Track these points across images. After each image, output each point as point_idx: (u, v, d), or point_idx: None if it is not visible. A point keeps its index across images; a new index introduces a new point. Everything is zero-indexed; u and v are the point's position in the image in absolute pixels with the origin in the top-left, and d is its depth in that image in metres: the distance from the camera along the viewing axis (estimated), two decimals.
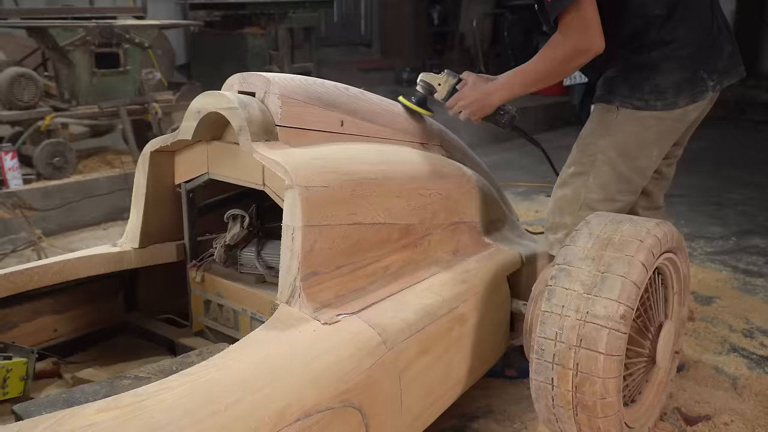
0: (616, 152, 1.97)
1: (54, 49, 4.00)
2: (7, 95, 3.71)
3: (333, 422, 1.34)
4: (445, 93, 2.07)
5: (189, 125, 1.76)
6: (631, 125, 1.95)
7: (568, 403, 1.69)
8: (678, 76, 1.90)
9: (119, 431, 1.11)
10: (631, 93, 1.93)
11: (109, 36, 4.05)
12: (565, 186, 2.07)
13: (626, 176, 1.99)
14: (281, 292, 1.54)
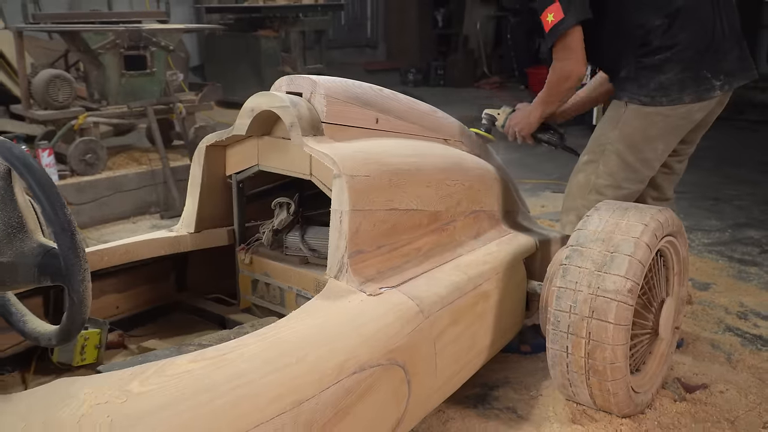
0: (624, 144, 2.22)
1: (85, 52, 4.21)
2: (43, 96, 3.93)
3: (382, 377, 1.55)
4: (503, 121, 2.57)
5: (243, 122, 1.97)
6: (638, 120, 2.20)
7: (581, 368, 1.91)
8: (681, 75, 2.14)
9: (210, 377, 1.32)
10: (639, 90, 2.18)
11: (137, 39, 4.27)
12: (579, 173, 2.34)
13: (632, 166, 2.23)
14: (330, 268, 1.75)
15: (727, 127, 7.48)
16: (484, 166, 2.38)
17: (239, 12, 6.53)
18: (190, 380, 1.30)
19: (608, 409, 2.01)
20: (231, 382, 1.32)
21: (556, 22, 2.16)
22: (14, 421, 1.13)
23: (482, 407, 2.15)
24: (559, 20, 2.15)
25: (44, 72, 4.01)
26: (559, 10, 2.15)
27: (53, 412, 1.16)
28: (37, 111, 4.01)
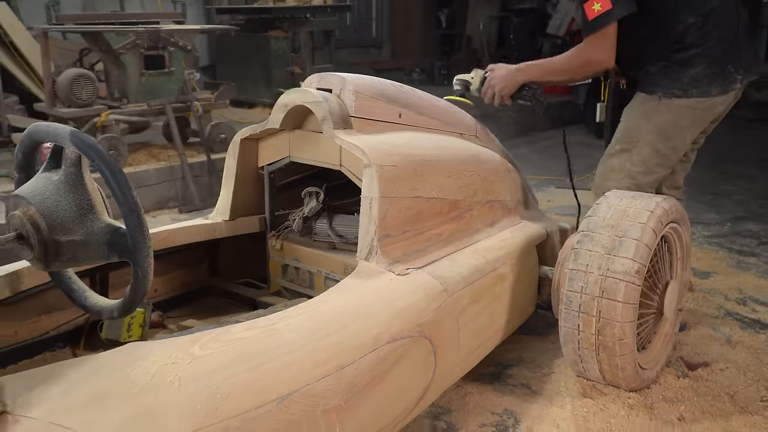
0: (657, 134, 2.40)
1: (107, 51, 4.36)
2: (67, 94, 4.07)
3: (412, 347, 1.70)
4: (477, 83, 2.56)
5: (277, 116, 2.12)
6: (671, 112, 2.38)
7: (591, 345, 2.06)
8: (709, 69, 2.32)
9: (262, 343, 1.47)
10: (672, 84, 2.36)
11: (156, 40, 4.42)
12: (613, 158, 2.50)
13: (663, 153, 2.43)
14: (361, 251, 1.90)
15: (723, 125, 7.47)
16: (498, 159, 2.53)
17: (250, 13, 6.67)
18: (244, 345, 1.45)
19: (616, 384, 2.16)
20: (280, 348, 1.47)
21: (603, 11, 2.25)
22: (95, 378, 1.28)
23: (498, 383, 2.30)
24: (606, 10, 2.25)
25: (68, 71, 4.16)
26: (607, 0, 2.24)
27: (129, 370, 1.31)
28: (61, 109, 4.16)
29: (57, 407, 1.20)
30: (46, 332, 2.00)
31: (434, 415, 2.11)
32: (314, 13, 6.66)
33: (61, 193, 1.48)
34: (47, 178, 1.51)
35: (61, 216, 1.46)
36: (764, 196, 4.72)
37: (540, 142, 6.81)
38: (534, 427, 2.05)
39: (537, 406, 2.17)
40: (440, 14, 9.91)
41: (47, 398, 1.21)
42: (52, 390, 1.24)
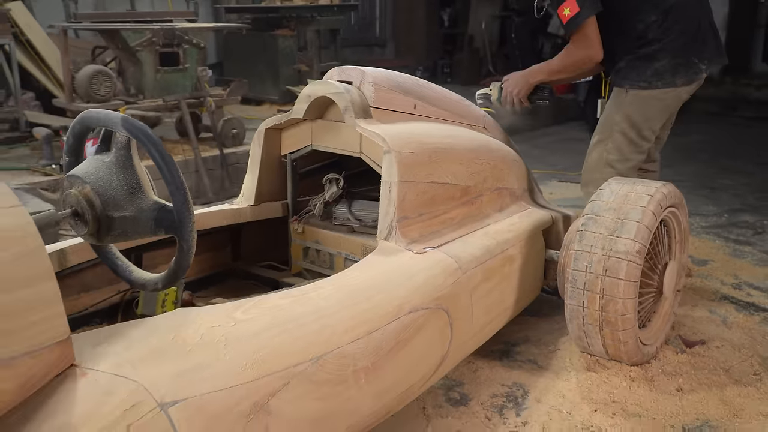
0: (627, 124, 2.62)
1: (124, 49, 4.50)
2: (86, 90, 4.21)
3: (431, 318, 1.84)
4: (497, 94, 2.87)
5: (301, 107, 2.26)
6: (637, 103, 2.60)
7: (595, 321, 2.20)
8: (673, 61, 2.54)
9: (296, 310, 1.61)
10: (637, 77, 2.57)
11: (171, 37, 4.56)
12: (593, 151, 2.71)
13: (635, 141, 2.64)
14: (381, 231, 2.03)
15: (722, 123, 7.80)
16: (506, 149, 2.67)
17: (257, 12, 6.81)
18: (281, 311, 1.59)
19: (619, 358, 2.30)
20: (314, 314, 1.61)
21: (572, 15, 2.52)
22: (151, 337, 1.42)
23: (507, 359, 2.44)
24: (575, 14, 2.52)
25: (87, 68, 4.29)
26: (574, 4, 2.51)
27: (181, 331, 1.45)
28: (80, 104, 4.29)
29: (120, 362, 1.34)
30: (85, 309, 2.14)
31: (448, 387, 2.25)
32: (321, 12, 6.80)
33: (112, 173, 1.62)
34: (99, 160, 1.65)
35: (113, 194, 1.60)
36: (760, 190, 4.86)
37: (541, 138, 6.96)
38: (542, 397, 2.19)
39: (544, 379, 2.31)
40: (443, 13, 10.05)
41: (111, 354, 1.35)
42: (115, 347, 1.38)
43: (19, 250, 1.23)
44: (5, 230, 1.22)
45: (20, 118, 4.90)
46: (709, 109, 7.98)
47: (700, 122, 7.31)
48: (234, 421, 1.37)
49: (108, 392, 1.29)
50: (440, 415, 2.10)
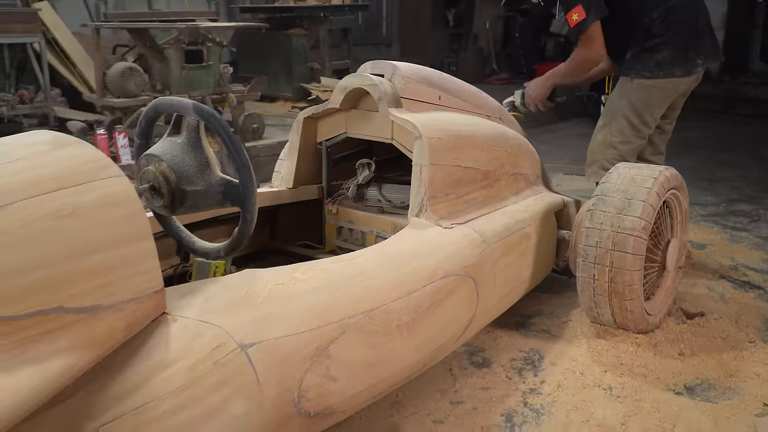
0: (630, 110, 2.93)
1: (151, 46, 4.72)
2: (117, 85, 4.43)
3: (460, 284, 2.07)
4: (519, 99, 3.24)
5: (337, 98, 2.48)
6: (640, 91, 2.92)
7: (605, 291, 2.43)
8: (673, 54, 2.87)
9: (346, 271, 1.83)
10: (641, 68, 2.90)
11: (196, 36, 4.78)
12: (597, 134, 3.05)
13: (636, 126, 2.94)
14: (412, 209, 2.26)
15: (722, 120, 8.02)
16: (520, 138, 2.90)
17: (271, 12, 7.03)
18: (333, 273, 1.82)
19: (626, 327, 2.52)
20: (362, 275, 1.84)
21: (579, 20, 2.85)
22: (226, 292, 1.64)
23: (523, 329, 2.67)
24: (582, 19, 2.85)
25: (118, 64, 4.52)
26: (581, 11, 2.84)
27: (251, 287, 1.67)
28: (111, 99, 4.52)
29: (203, 311, 1.56)
30: None
31: (471, 353, 2.47)
32: (333, 11, 7.02)
33: (185, 153, 1.84)
34: (172, 142, 1.87)
35: (186, 170, 1.83)
36: (757, 182, 5.09)
37: (546, 134, 7.17)
38: (556, 361, 2.42)
39: (558, 346, 2.53)
40: (448, 13, 10.29)
41: (194, 304, 1.58)
42: (197, 299, 1.60)
43: (127, 212, 1.45)
44: (115, 195, 1.45)
45: (49, 114, 5.12)
46: (708, 107, 8.20)
47: (700, 119, 7.53)
48: (300, 361, 1.60)
49: (196, 335, 1.51)
50: (466, 375, 2.33)
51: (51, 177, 1.41)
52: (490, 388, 2.26)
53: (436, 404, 2.15)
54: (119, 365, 1.43)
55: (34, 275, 1.31)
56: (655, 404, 2.15)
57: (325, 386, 1.65)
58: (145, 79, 4.63)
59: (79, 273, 1.37)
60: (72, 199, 1.40)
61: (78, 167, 1.46)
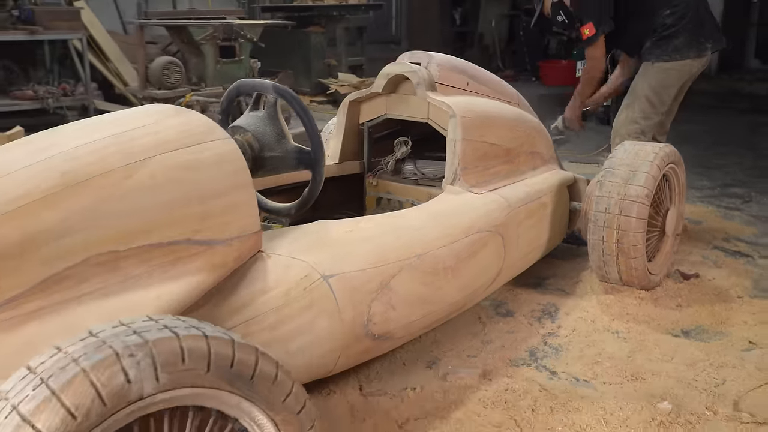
0: (651, 90, 3.46)
1: (189, 42, 5.09)
2: (158, 78, 4.79)
3: (491, 239, 2.44)
4: (561, 124, 3.88)
5: (380, 83, 2.84)
6: (660, 74, 3.46)
7: (612, 251, 2.79)
8: (687, 40, 3.42)
9: (399, 223, 2.20)
10: (661, 53, 3.44)
11: (230, 32, 5.14)
12: (622, 112, 3.59)
13: (655, 104, 3.48)
14: (447, 178, 2.62)
15: (719, 114, 8.39)
16: (536, 121, 3.26)
17: (291, 11, 7.40)
18: (389, 225, 2.19)
19: (631, 283, 2.89)
20: (411, 227, 2.21)
21: (591, 35, 3.50)
22: (306, 236, 2.01)
23: (540, 288, 3.03)
24: (593, 34, 3.49)
25: (160, 59, 4.88)
26: (592, 27, 3.49)
27: (325, 233, 2.04)
28: (153, 90, 4.88)
29: (291, 250, 1.93)
30: None
31: (496, 306, 2.84)
32: (349, 10, 7.39)
33: (265, 125, 2.21)
34: (254, 116, 2.24)
35: (267, 139, 2.19)
36: (750, 169, 5.45)
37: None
38: (570, 312, 2.79)
39: (571, 300, 2.90)
40: (454, 13, 10.66)
41: (283, 245, 1.95)
42: (283, 241, 1.97)
43: (234, 168, 1.82)
44: (225, 154, 1.82)
45: (89, 105, 5.49)
46: (706, 103, 8.56)
47: (699, 114, 7.88)
48: (368, 291, 1.97)
49: (287, 267, 1.88)
50: (493, 322, 2.69)
51: (174, 138, 1.78)
52: (515, 331, 2.62)
53: (470, 343, 2.52)
54: (231, 288, 1.80)
55: (169, 215, 1.68)
56: (656, 343, 2.52)
57: (387, 313, 2.02)
58: (183, 72, 4.99)
59: (201, 214, 1.74)
60: (193, 156, 1.77)
61: (193, 131, 1.83)
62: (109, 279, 1.57)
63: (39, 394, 1.04)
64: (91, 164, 1.62)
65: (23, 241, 1.47)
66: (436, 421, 2.03)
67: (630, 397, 2.15)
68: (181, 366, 1.13)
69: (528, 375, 2.30)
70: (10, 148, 1.77)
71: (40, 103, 5.15)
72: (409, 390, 2.20)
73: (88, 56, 5.37)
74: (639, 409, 2.07)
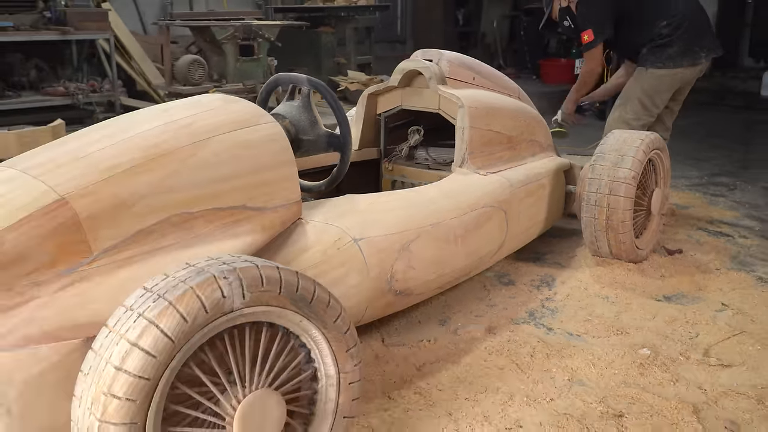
0: (643, 93, 3.73)
1: (211, 42, 5.43)
2: (184, 75, 5.14)
3: (495, 213, 2.78)
4: (559, 117, 4.15)
5: (396, 77, 3.19)
6: (653, 79, 3.72)
7: (603, 227, 3.14)
8: (681, 49, 3.67)
9: (416, 197, 2.55)
10: (655, 60, 3.69)
11: (249, 32, 5.48)
12: (615, 111, 3.86)
13: (647, 107, 3.75)
14: (456, 161, 2.96)
15: (713, 111, 8.73)
16: (535, 112, 3.60)
17: (303, 12, 7.75)
18: (408, 199, 2.54)
19: (620, 256, 3.23)
20: (428, 200, 2.55)
21: (589, 41, 3.77)
22: (336, 207, 2.35)
23: (539, 262, 3.38)
24: (591, 40, 3.76)
25: (185, 57, 5.23)
26: (591, 34, 3.75)
27: (354, 204, 2.39)
28: (179, 87, 5.22)
29: (326, 217, 2.28)
30: None
31: (499, 276, 3.18)
32: (358, 11, 7.74)
33: (300, 113, 2.55)
34: (290, 105, 2.58)
35: (302, 125, 2.54)
36: (738, 161, 5.79)
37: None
38: (566, 281, 3.13)
39: (566, 272, 3.24)
40: (458, 13, 11.01)
41: (318, 213, 2.29)
42: (319, 211, 2.32)
43: (279, 146, 2.17)
44: (272, 134, 2.16)
45: (116, 102, 5.83)
46: (701, 100, 8.88)
47: (693, 110, 8.20)
48: (392, 253, 2.31)
49: (324, 231, 2.23)
50: (496, 289, 3.04)
51: (231, 121, 2.13)
52: (516, 297, 2.97)
53: (476, 306, 2.86)
54: (278, 247, 2.15)
55: (229, 184, 2.03)
56: (641, 305, 2.86)
57: (407, 272, 2.37)
58: (207, 69, 5.34)
59: (254, 185, 2.08)
60: (247, 136, 2.12)
61: (245, 114, 2.18)
62: (183, 235, 1.91)
63: (159, 305, 1.38)
64: (165, 142, 1.97)
65: (117, 202, 1.81)
66: (448, 364, 2.38)
67: (615, 346, 2.50)
68: (260, 288, 1.47)
69: (528, 331, 2.65)
70: (87, 132, 2.12)
71: (71, 99, 5.50)
72: (425, 341, 2.54)
73: (115, 54, 5.72)
74: (622, 354, 2.42)
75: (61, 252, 1.71)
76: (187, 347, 1.40)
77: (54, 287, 1.67)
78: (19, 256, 1.64)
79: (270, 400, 1.53)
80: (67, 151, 1.93)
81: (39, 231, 1.68)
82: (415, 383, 2.25)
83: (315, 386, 1.68)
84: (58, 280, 1.68)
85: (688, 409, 2.10)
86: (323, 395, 1.68)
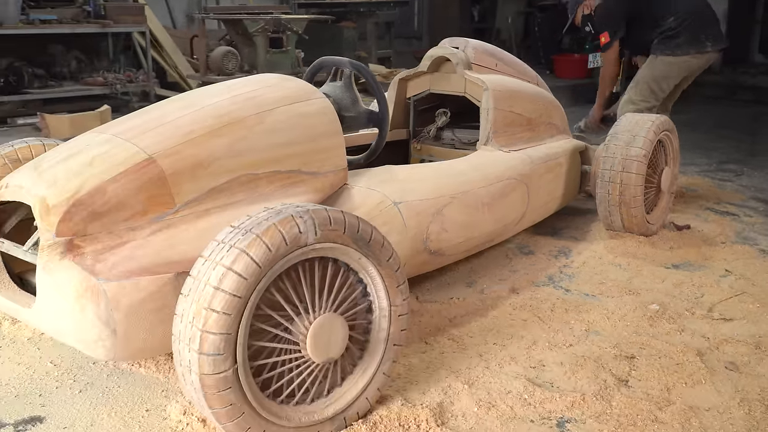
0: (652, 79, 4.12)
1: (243, 34, 5.72)
2: (218, 65, 5.43)
3: (518, 185, 3.05)
4: (583, 125, 4.53)
5: (425, 63, 3.46)
6: (662, 66, 4.11)
7: (616, 202, 3.40)
8: (688, 38, 4.05)
9: (448, 169, 2.82)
10: (665, 48, 4.08)
11: (279, 25, 5.77)
12: (626, 93, 4.20)
13: (655, 91, 4.11)
14: (481, 140, 3.23)
15: (723, 105, 8.95)
16: (553, 98, 3.87)
17: (324, 7, 8.03)
18: (441, 169, 2.81)
19: (632, 230, 3.49)
20: (455, 172, 2.83)
21: (606, 42, 4.23)
22: (376, 175, 2.62)
23: (556, 236, 3.64)
24: (608, 41, 4.22)
25: (219, 48, 5.52)
26: (607, 36, 4.23)
27: (393, 173, 2.66)
28: (212, 76, 5.51)
29: (369, 184, 2.55)
30: None
31: (520, 247, 3.45)
32: (379, 7, 8.01)
33: (343, 92, 2.83)
34: (334, 85, 2.86)
35: (345, 103, 2.81)
36: (746, 150, 6.02)
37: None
38: (581, 251, 3.40)
39: (582, 244, 3.51)
40: (473, 10, 11.27)
41: (362, 181, 2.57)
42: (362, 178, 2.59)
43: (329, 118, 2.44)
44: (323, 107, 2.44)
45: (150, 91, 6.14)
46: (712, 94, 9.12)
47: (704, 104, 8.45)
48: (427, 216, 2.58)
49: (367, 195, 2.50)
50: (518, 258, 3.31)
51: (290, 95, 2.41)
52: (536, 264, 3.24)
53: (500, 271, 3.13)
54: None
55: (288, 150, 2.31)
56: (651, 272, 3.12)
57: (440, 234, 2.64)
58: (239, 60, 5.63)
59: (308, 151, 2.36)
60: (303, 108, 2.40)
61: (300, 91, 2.46)
62: (250, 194, 2.19)
63: (248, 237, 1.66)
64: (235, 111, 2.25)
65: (195, 162, 2.09)
66: (477, 317, 2.65)
67: (627, 303, 2.76)
68: (329, 227, 1.75)
69: (547, 291, 2.92)
70: (160, 105, 2.40)
71: (109, 89, 5.80)
72: (455, 299, 2.82)
73: (150, 47, 6.02)
74: (633, 309, 2.68)
75: (151, 203, 1.99)
76: (270, 273, 1.68)
77: (146, 232, 1.95)
78: (119, 204, 1.93)
79: (336, 322, 1.81)
80: (149, 119, 2.21)
81: (133, 184, 1.97)
82: (448, 331, 2.53)
83: (370, 317, 1.95)
84: (149, 226, 1.96)
85: (692, 353, 2.36)
86: (377, 325, 1.96)
